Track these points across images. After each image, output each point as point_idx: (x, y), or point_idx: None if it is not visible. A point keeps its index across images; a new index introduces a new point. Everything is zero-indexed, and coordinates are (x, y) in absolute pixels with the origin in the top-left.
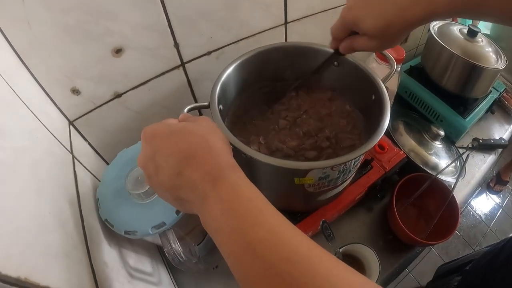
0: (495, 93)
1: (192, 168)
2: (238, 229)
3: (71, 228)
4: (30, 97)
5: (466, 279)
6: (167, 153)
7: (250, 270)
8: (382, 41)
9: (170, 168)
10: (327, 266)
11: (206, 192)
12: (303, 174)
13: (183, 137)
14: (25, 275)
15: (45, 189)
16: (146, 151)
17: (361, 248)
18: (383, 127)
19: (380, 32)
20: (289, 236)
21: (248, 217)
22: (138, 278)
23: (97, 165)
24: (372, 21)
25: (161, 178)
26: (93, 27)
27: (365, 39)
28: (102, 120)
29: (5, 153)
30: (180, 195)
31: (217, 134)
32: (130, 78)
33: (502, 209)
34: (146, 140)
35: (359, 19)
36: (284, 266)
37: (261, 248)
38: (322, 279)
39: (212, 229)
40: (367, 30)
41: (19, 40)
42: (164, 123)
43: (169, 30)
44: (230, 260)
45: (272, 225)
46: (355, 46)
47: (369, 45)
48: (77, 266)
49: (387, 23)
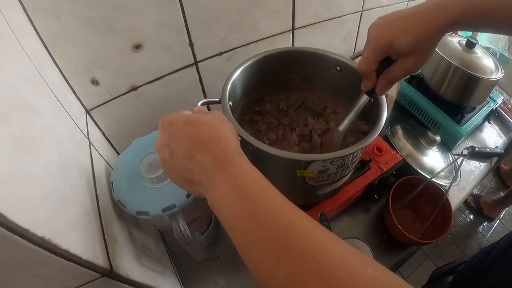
0: (492, 103)
1: (202, 152)
2: (243, 203)
3: (88, 204)
4: (53, 83)
5: (457, 277)
6: (181, 139)
7: (253, 239)
8: (417, 57)
9: (183, 153)
10: (322, 235)
11: (215, 173)
12: (305, 166)
13: (196, 126)
14: (49, 236)
15: (66, 166)
16: (163, 137)
17: (356, 242)
18: (380, 126)
19: (415, 46)
20: (289, 210)
21: (252, 193)
22: (145, 263)
23: (109, 153)
24: (406, 37)
25: (175, 161)
26: (116, 22)
27: (400, 63)
28: (116, 111)
29: (35, 129)
30: (191, 178)
31: (226, 124)
32: (146, 73)
33: (499, 220)
34: (163, 127)
35: (392, 40)
36: (284, 232)
37: (264, 218)
38: (318, 244)
39: (218, 206)
40: (403, 47)
41: (46, 29)
42: (180, 113)
43: (185, 30)
44: (235, 232)
45: (274, 200)
46: (392, 76)
47: (406, 66)
48: (92, 238)
49: (420, 36)
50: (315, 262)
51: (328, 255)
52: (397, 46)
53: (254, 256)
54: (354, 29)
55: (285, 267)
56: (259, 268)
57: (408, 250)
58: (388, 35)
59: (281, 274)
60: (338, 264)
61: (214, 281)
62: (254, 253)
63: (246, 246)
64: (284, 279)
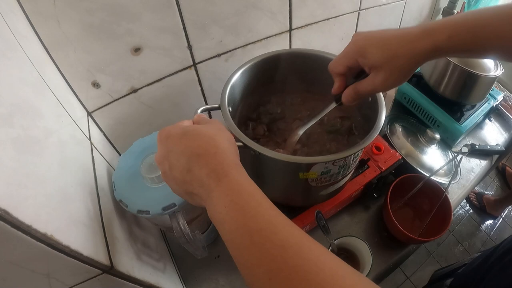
0: (492, 100)
1: (200, 165)
2: (239, 220)
3: (89, 203)
4: (55, 87)
5: (457, 280)
6: (178, 152)
7: (248, 255)
8: (388, 74)
9: (181, 166)
10: (315, 253)
11: (212, 187)
12: (307, 168)
13: (193, 139)
14: (51, 232)
15: (68, 166)
16: (161, 150)
17: (354, 241)
18: (379, 125)
19: (387, 62)
20: (284, 227)
21: (248, 209)
22: (145, 261)
23: (110, 154)
24: (379, 50)
25: (174, 174)
26: (116, 27)
27: (371, 77)
28: (117, 112)
29: (38, 130)
30: (190, 190)
31: (225, 135)
32: (146, 75)
33: (502, 218)
34: (161, 141)
35: (365, 49)
36: (277, 251)
37: (259, 236)
38: (310, 263)
39: (216, 220)
40: (374, 59)
41: (47, 35)
42: (177, 125)
43: (183, 32)
44: (231, 247)
45: (270, 216)
46: (360, 90)
47: (375, 81)
48: (93, 235)
49: (393, 52)
50: (305, 281)
51: (320, 274)
52: (369, 56)
53: (249, 272)
54: (352, 28)
55: (277, 285)
56: (253, 282)
57: (407, 249)
58: (363, 43)
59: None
60: (329, 285)
61: (215, 280)
62: (249, 268)
63: (241, 261)
64: None
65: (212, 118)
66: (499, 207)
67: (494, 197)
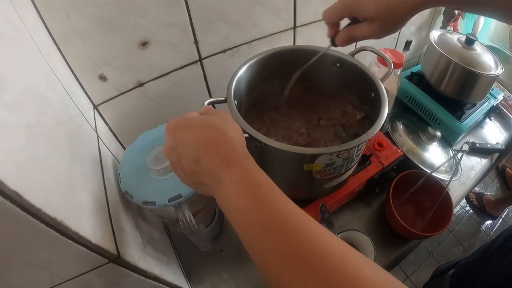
0: (492, 99)
1: (209, 155)
2: (251, 207)
3: (96, 193)
4: (63, 79)
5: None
6: (187, 143)
7: (261, 242)
8: (383, 24)
9: (190, 156)
10: (327, 239)
11: (222, 176)
12: (312, 160)
13: (201, 129)
14: (61, 218)
15: (77, 155)
16: (169, 141)
17: (357, 234)
18: (382, 118)
19: (380, 13)
20: (295, 214)
21: (259, 196)
22: (150, 253)
23: (115, 147)
24: (372, 1)
25: (183, 165)
26: (124, 21)
27: (365, 25)
28: (123, 106)
29: (48, 117)
30: (199, 180)
31: (232, 126)
32: (153, 69)
33: (502, 219)
34: (169, 132)
35: (360, 1)
36: (290, 237)
37: (271, 222)
38: (322, 249)
39: (227, 208)
40: (369, 11)
41: (56, 27)
42: (184, 117)
43: (190, 28)
44: (243, 233)
45: (281, 203)
46: (353, 35)
47: (370, 30)
48: (101, 224)
49: (385, 3)
50: (319, 266)
51: (331, 258)
52: (362, 8)
53: (261, 257)
54: None
55: (290, 269)
56: (265, 268)
57: (409, 244)
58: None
59: (287, 276)
60: (340, 267)
61: (218, 274)
62: (261, 254)
63: (253, 247)
64: (290, 280)
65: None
66: (499, 207)
67: (494, 197)
